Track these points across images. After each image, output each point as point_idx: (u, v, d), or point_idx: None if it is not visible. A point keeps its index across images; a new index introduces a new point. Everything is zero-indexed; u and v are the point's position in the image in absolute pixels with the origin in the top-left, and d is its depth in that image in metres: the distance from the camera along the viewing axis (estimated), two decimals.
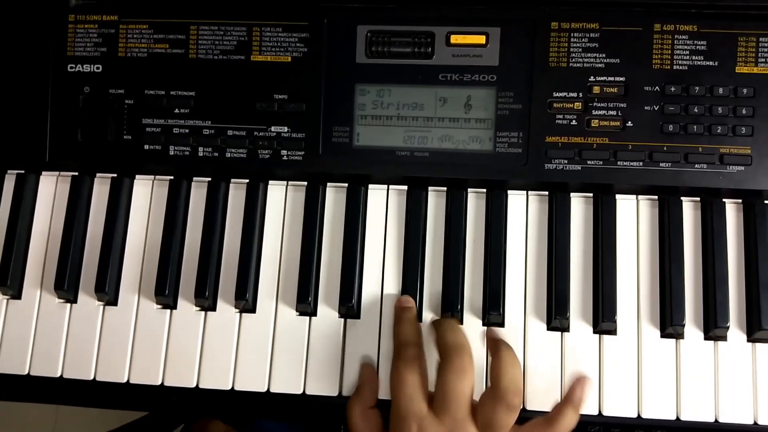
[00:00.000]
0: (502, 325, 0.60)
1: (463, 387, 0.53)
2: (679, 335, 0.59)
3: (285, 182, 0.64)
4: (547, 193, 0.63)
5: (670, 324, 0.59)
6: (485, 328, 0.60)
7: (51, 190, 0.66)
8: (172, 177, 0.65)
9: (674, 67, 0.60)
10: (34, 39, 0.64)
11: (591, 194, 0.62)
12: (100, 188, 0.65)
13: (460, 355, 0.54)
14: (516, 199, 0.63)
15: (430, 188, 0.63)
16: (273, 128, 0.63)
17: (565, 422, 0.55)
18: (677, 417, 0.58)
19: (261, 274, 0.63)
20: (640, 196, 0.62)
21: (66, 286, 0.62)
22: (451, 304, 0.60)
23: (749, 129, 0.60)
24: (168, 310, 0.62)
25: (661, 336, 0.60)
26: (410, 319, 0.59)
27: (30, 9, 0.64)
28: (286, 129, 0.62)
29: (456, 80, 0.62)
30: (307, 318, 0.62)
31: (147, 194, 0.65)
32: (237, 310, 0.62)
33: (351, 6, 0.63)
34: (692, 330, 0.59)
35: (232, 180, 0.65)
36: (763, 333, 0.58)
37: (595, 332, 0.60)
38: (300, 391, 0.60)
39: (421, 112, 0.62)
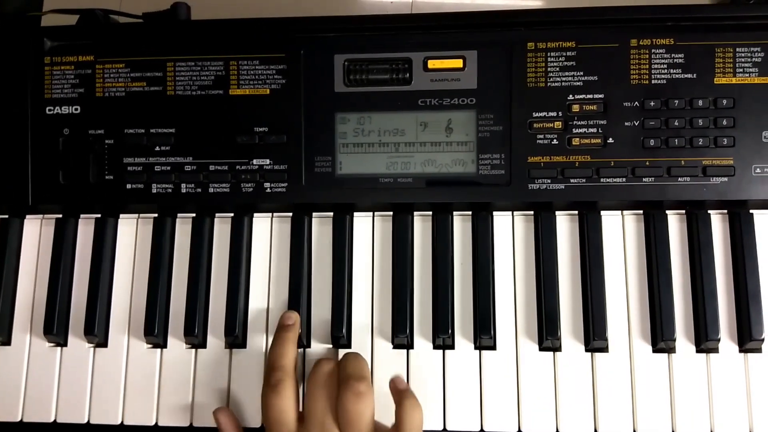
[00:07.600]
0: (493, 347, 0.60)
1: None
2: (670, 349, 0.59)
3: (270, 214, 0.64)
4: (532, 212, 0.63)
5: (661, 339, 0.59)
6: (475, 351, 0.60)
7: (36, 234, 0.65)
8: (156, 215, 0.64)
9: (652, 81, 0.60)
10: (10, 83, 0.64)
11: (576, 212, 0.62)
12: (85, 229, 0.65)
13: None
14: (501, 221, 0.63)
15: (415, 213, 0.63)
16: (255, 161, 0.62)
17: (413, 419, 0.55)
18: None
19: (250, 308, 0.62)
20: (625, 212, 0.62)
21: (55, 330, 0.62)
22: (443, 329, 0.60)
23: (731, 140, 0.60)
24: (158, 350, 0.62)
25: (653, 351, 0.60)
26: (286, 339, 0.58)
27: (5, 53, 0.64)
28: (268, 161, 0.62)
29: (436, 104, 0.62)
30: (300, 350, 0.61)
31: (132, 233, 0.65)
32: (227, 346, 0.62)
33: (327, 36, 0.62)
34: (684, 343, 0.59)
35: (217, 215, 0.64)
36: (755, 343, 0.58)
37: (587, 350, 0.60)
38: None
39: (403, 138, 0.62)
